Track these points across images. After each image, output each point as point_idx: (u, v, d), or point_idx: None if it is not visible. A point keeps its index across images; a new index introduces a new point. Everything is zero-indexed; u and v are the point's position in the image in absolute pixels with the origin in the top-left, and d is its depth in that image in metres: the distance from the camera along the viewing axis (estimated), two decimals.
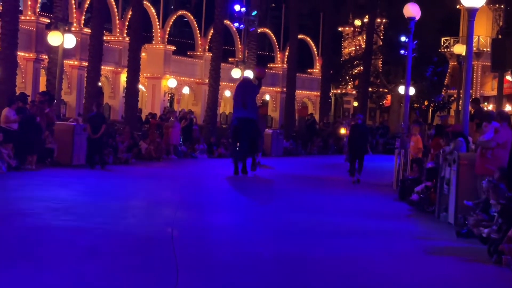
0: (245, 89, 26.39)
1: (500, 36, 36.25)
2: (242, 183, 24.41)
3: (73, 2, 39.75)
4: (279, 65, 56.74)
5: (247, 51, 45.76)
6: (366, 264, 11.44)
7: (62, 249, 11.21)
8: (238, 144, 26.25)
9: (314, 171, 30.68)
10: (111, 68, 43.84)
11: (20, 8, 33.12)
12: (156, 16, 46.89)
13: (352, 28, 66.59)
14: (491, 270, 11.32)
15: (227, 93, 53.31)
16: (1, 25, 28.84)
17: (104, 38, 37.13)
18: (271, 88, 56.68)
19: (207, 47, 49.42)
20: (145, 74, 44.34)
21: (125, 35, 43.87)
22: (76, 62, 40.33)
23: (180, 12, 51.62)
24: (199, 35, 50.60)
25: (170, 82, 47.79)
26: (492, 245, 12.04)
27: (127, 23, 43.31)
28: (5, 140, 22.93)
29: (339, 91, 66.38)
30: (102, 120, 26.60)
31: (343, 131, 39.07)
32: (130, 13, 39.96)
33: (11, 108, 23.61)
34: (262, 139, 31.12)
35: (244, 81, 28.27)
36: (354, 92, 65.22)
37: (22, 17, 34.38)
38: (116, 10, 44.48)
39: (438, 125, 24.40)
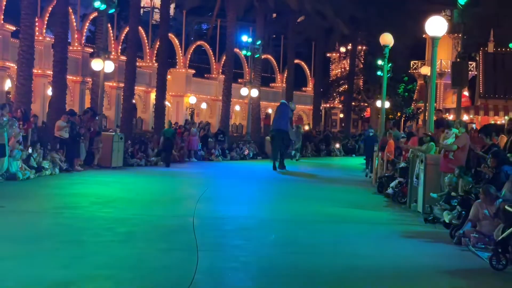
0: (281, 110, 29.08)
1: (458, 60, 36.15)
2: (251, 179, 24.47)
3: (112, 35, 39.88)
4: (279, 85, 56.78)
5: (253, 73, 45.84)
6: (353, 246, 11.46)
7: (105, 235, 11.25)
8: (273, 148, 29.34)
9: (309, 170, 30.66)
10: (143, 88, 43.94)
11: (69, 40, 33.25)
12: (179, 46, 46.98)
13: (338, 54, 66.72)
14: (453, 249, 11.32)
15: (237, 108, 53.45)
16: (54, 54, 28.96)
17: (137, 64, 37.19)
18: (273, 103, 56.59)
19: (221, 70, 49.50)
20: (170, 93, 44.39)
21: (154, 61, 43.99)
22: (114, 84, 40.45)
23: (198, 42, 51.71)
24: (214, 60, 50.70)
25: (191, 99, 47.93)
26: (454, 229, 12.05)
27: (156, 52, 43.42)
28: (59, 147, 23.16)
29: (328, 105, 66.41)
30: (173, 133, 30.28)
31: None
32: (158, 43, 40.05)
33: (62, 120, 23.79)
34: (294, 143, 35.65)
35: (281, 104, 30.14)
36: (340, 106, 65.35)
37: (71, 48, 34.50)
38: (146, 41, 44.59)
39: (408, 132, 24.48)
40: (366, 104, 63.84)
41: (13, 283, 7.76)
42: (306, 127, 50.77)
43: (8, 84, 33.12)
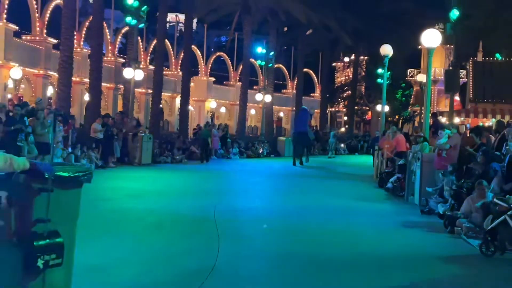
0: (301, 115, 30.54)
1: (451, 68, 36.01)
2: (265, 175, 24.44)
3: (141, 46, 39.98)
4: (290, 91, 56.74)
5: (266, 81, 45.83)
6: (356, 235, 11.42)
7: (136, 225, 11.27)
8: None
9: (318, 166, 30.57)
10: (169, 94, 44.03)
11: (103, 51, 33.40)
12: (201, 56, 47.05)
13: (342, 63, 66.64)
14: (446, 237, 11.29)
15: (253, 111, 53.45)
16: (90, 63, 29.11)
17: (164, 72, 37.28)
18: (284, 108, 56.69)
19: (238, 78, 49.53)
20: (193, 98, 44.46)
21: (179, 70, 44.07)
22: (143, 90, 40.55)
23: (218, 53, 51.77)
24: (232, 69, 50.73)
25: (211, 104, 47.98)
26: (447, 220, 12.01)
27: (180, 62, 43.49)
28: (94, 146, 23.27)
29: (333, 109, 66.37)
30: (207, 134, 31.11)
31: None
32: (182, 54, 40.13)
33: (97, 123, 23.88)
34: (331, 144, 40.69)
35: (302, 110, 31.68)
36: (344, 109, 65.20)
37: (105, 58, 34.63)
38: (172, 52, 44.67)
39: (404, 132, 24.51)
40: (367, 108, 63.80)
41: None
42: (343, 129, 51.37)
43: (50, 91, 33.31)
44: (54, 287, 5.20)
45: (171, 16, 58.21)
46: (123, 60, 37.16)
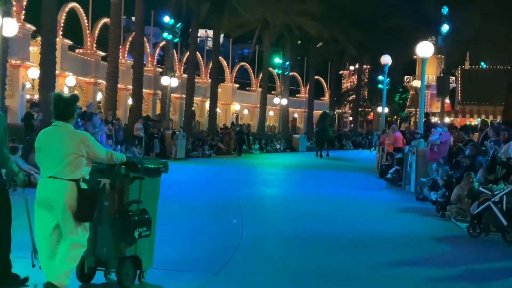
0: (323, 116, 31.76)
1: (441, 74, 35.83)
2: (282, 167, 24.44)
3: (176, 58, 40.15)
4: (303, 95, 56.63)
5: (283, 86, 45.84)
6: (361, 218, 11.43)
7: (172, 210, 11.35)
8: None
9: (327, 160, 30.51)
10: (200, 98, 44.16)
11: (144, 62, 33.58)
12: (227, 66, 47.16)
13: (348, 71, 66.33)
14: (438, 221, 11.26)
15: (271, 113, 53.47)
16: (133, 73, 29.30)
17: (195, 80, 37.37)
18: (298, 110, 56.59)
19: (259, 84, 49.52)
20: (220, 102, 44.56)
21: (208, 78, 44.18)
22: (178, 95, 40.73)
23: (241, 63, 51.84)
24: (253, 77, 50.79)
25: (236, 107, 48.14)
26: (439, 206, 11.97)
27: (209, 71, 43.60)
28: (138, 143, 23.41)
29: (340, 110, 66.12)
30: (243, 133, 32.20)
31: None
32: (211, 64, 40.22)
33: (139, 123, 24.03)
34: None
35: (323, 112, 33.30)
36: (350, 111, 64.98)
37: (145, 68, 34.82)
38: (202, 62, 44.82)
39: (401, 130, 24.42)
40: (370, 110, 63.52)
41: None
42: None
43: (99, 96, 33.61)
44: (143, 252, 5.89)
45: (201, 32, 58.47)
46: (161, 70, 37.34)
